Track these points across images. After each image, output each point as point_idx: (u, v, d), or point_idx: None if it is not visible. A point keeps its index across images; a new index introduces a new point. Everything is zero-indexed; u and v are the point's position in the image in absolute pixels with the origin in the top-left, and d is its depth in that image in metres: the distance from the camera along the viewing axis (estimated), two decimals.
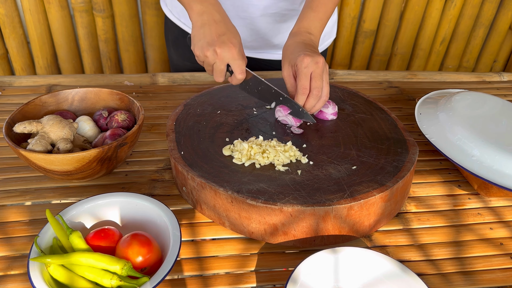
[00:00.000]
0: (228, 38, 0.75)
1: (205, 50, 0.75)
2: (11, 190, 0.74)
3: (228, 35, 0.75)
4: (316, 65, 0.75)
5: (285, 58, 0.80)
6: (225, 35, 0.75)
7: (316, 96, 0.76)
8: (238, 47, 0.76)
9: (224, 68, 0.77)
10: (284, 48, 0.82)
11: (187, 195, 0.71)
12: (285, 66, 0.79)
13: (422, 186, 0.78)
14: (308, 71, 0.75)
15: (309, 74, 0.75)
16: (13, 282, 0.59)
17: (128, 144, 0.72)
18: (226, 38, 0.75)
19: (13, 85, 1.02)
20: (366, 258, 0.59)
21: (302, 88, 0.75)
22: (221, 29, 0.76)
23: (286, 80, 0.79)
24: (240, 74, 0.77)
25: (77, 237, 0.58)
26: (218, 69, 0.77)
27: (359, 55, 1.98)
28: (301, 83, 0.75)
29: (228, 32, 0.76)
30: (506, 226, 0.72)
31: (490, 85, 1.13)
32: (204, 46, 0.75)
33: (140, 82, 1.05)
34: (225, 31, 0.76)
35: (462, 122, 0.78)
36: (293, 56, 0.77)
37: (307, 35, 0.82)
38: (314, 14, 0.84)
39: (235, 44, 0.75)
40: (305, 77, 0.75)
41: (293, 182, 0.66)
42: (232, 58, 0.75)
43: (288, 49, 0.80)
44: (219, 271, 0.62)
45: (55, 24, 1.71)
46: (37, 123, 0.72)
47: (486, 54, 2.07)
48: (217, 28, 0.76)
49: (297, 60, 0.76)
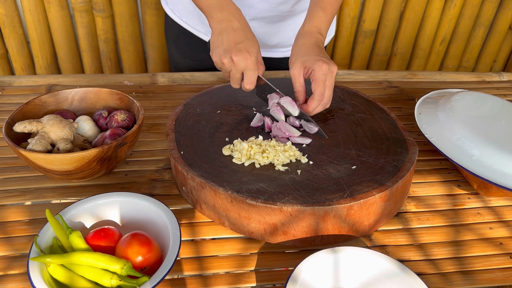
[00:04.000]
0: (245, 47, 0.75)
1: (222, 57, 0.76)
2: (11, 190, 0.74)
3: (245, 44, 0.75)
4: (331, 74, 0.77)
5: (296, 57, 0.79)
6: (242, 43, 0.75)
7: (324, 104, 0.78)
8: (255, 56, 0.75)
9: (239, 77, 0.77)
10: (296, 47, 0.81)
11: (187, 195, 0.71)
12: (296, 65, 0.79)
13: (422, 185, 0.78)
14: (325, 78, 0.76)
15: (325, 80, 0.76)
16: (13, 282, 0.59)
17: (128, 144, 0.72)
18: (243, 46, 0.75)
19: (13, 85, 1.02)
20: (366, 257, 0.59)
21: (319, 95, 0.77)
22: (239, 37, 0.76)
23: (296, 79, 0.79)
24: (248, 85, 0.77)
25: (77, 237, 0.58)
26: (234, 77, 0.77)
27: (359, 55, 1.98)
28: (319, 90, 0.77)
29: (246, 40, 0.76)
30: (506, 226, 0.72)
31: (490, 85, 1.13)
32: (221, 53, 0.76)
33: (140, 82, 1.05)
34: (243, 39, 0.76)
35: (462, 122, 0.78)
36: (309, 58, 0.78)
37: (318, 36, 0.82)
38: (323, 14, 0.84)
39: (251, 52, 0.75)
40: (322, 84, 0.76)
41: (293, 182, 0.66)
42: (245, 67, 0.75)
43: (302, 49, 0.80)
44: (219, 271, 0.62)
45: (55, 24, 1.71)
46: (37, 123, 0.72)
47: (486, 54, 2.07)
48: (235, 36, 0.76)
49: (315, 65, 0.76)
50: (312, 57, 0.77)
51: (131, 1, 1.71)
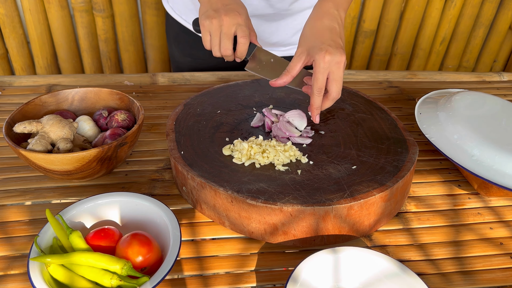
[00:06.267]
0: (235, 7, 0.74)
1: (211, 17, 0.73)
2: (11, 190, 0.74)
3: (234, 5, 0.74)
4: (337, 66, 0.70)
5: (303, 41, 0.74)
6: (231, 4, 0.74)
7: (331, 100, 0.72)
8: (245, 16, 0.74)
9: (231, 33, 0.73)
10: (305, 28, 0.76)
11: (187, 194, 0.71)
12: (300, 48, 0.73)
13: (422, 185, 0.78)
14: (326, 70, 0.70)
15: (326, 74, 0.70)
16: (13, 282, 0.59)
17: (128, 144, 0.72)
18: (233, 7, 0.74)
19: (13, 85, 1.02)
20: (366, 258, 0.59)
21: (318, 89, 0.71)
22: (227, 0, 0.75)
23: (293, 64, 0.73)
24: (243, 38, 0.73)
25: (77, 237, 0.57)
26: (225, 35, 0.73)
27: (359, 55, 1.98)
28: (317, 84, 0.71)
29: (234, 3, 0.75)
30: (506, 226, 0.72)
31: (490, 85, 1.13)
32: (210, 14, 0.73)
33: (140, 82, 1.05)
34: (231, 2, 0.75)
35: (462, 122, 0.78)
36: (314, 46, 0.71)
37: (334, 15, 0.75)
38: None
39: (241, 13, 0.73)
40: (322, 77, 0.70)
41: (293, 181, 0.66)
42: (237, 23, 0.73)
43: (310, 32, 0.74)
44: (219, 271, 0.62)
45: (55, 24, 1.71)
46: (37, 123, 0.72)
47: (486, 54, 2.07)
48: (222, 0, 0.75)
49: (317, 55, 0.70)
50: (317, 45, 0.71)
51: (131, 1, 1.71)
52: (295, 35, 1.07)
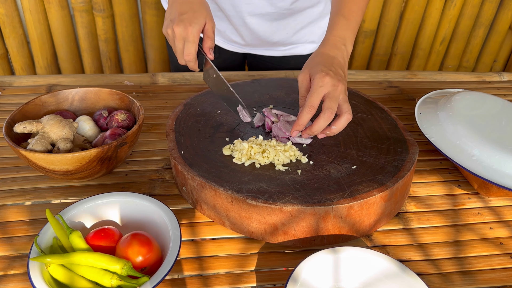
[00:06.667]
0: (188, 17, 0.72)
1: (166, 27, 0.74)
2: (11, 190, 0.74)
3: (189, 14, 0.72)
4: (333, 88, 0.69)
5: (307, 64, 0.75)
6: (186, 13, 0.73)
7: (327, 118, 0.68)
8: (197, 27, 0.72)
9: (180, 47, 0.73)
10: (312, 54, 0.77)
11: (187, 194, 0.71)
12: (304, 71, 0.73)
13: (422, 185, 0.78)
14: (322, 90, 0.69)
15: (321, 94, 0.69)
16: (13, 282, 0.59)
17: (128, 144, 0.72)
18: (186, 16, 0.72)
19: (13, 85, 1.02)
20: (366, 258, 0.59)
21: (310, 105, 0.69)
22: (185, 8, 0.73)
23: (300, 84, 0.74)
24: (187, 56, 0.73)
25: (77, 237, 0.58)
26: (176, 48, 0.74)
27: (359, 55, 1.98)
28: (310, 100, 0.69)
29: (190, 11, 0.73)
30: (506, 226, 0.72)
31: (490, 85, 1.13)
32: (166, 24, 0.74)
33: (140, 82, 1.05)
34: (187, 10, 0.73)
35: (462, 122, 0.78)
36: (315, 67, 0.72)
37: (342, 48, 0.76)
38: (346, 22, 0.77)
39: (193, 23, 0.72)
40: (316, 95, 0.69)
41: (293, 181, 0.66)
42: (185, 38, 0.72)
43: (316, 57, 0.75)
44: (219, 271, 0.62)
45: (55, 24, 1.71)
46: (37, 123, 0.72)
47: (486, 54, 2.07)
48: (181, 7, 0.74)
49: (316, 74, 0.70)
50: (319, 67, 0.71)
51: (131, 1, 1.71)
52: (295, 35, 1.07)
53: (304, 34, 1.08)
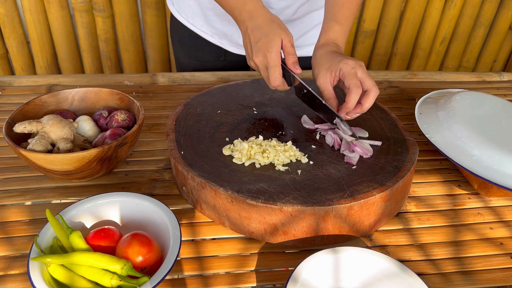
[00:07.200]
0: (263, 44, 0.73)
1: (249, 61, 0.76)
2: (11, 190, 0.74)
3: (263, 41, 0.73)
4: (361, 67, 0.73)
5: (320, 66, 0.77)
6: (260, 41, 0.73)
7: (373, 96, 0.72)
8: (274, 50, 0.72)
9: (266, 75, 0.75)
10: (316, 58, 0.79)
11: (187, 194, 0.71)
12: (321, 73, 0.76)
13: (422, 185, 0.78)
14: (355, 71, 0.73)
15: (357, 74, 0.73)
16: (13, 282, 0.59)
17: (128, 144, 0.72)
18: (261, 44, 0.73)
19: (13, 85, 1.02)
20: (366, 258, 0.59)
21: (356, 86, 0.71)
22: (256, 35, 0.74)
23: (323, 88, 0.76)
24: (273, 82, 0.74)
25: (77, 237, 0.57)
26: (264, 77, 0.76)
27: (359, 55, 1.98)
28: (354, 82, 0.72)
29: (263, 37, 0.73)
30: (506, 226, 0.72)
31: (490, 85, 1.13)
32: (248, 58, 0.76)
33: (140, 82, 1.05)
34: (260, 36, 0.73)
35: (462, 122, 0.78)
36: (333, 62, 0.75)
37: (335, 46, 0.80)
38: (339, 27, 0.82)
39: (269, 48, 0.72)
40: (355, 76, 0.72)
41: (293, 181, 0.66)
42: (267, 65, 0.73)
43: (322, 58, 0.78)
44: (219, 271, 0.62)
45: (55, 24, 1.71)
46: (37, 123, 0.72)
47: (486, 54, 2.07)
48: (254, 36, 0.74)
49: (340, 63, 0.73)
50: (335, 61, 0.74)
51: (131, 1, 1.71)
52: (301, 37, 1.07)
53: (310, 36, 1.08)
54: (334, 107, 0.75)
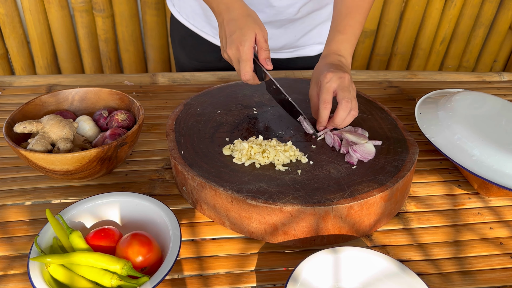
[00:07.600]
0: (237, 37, 0.73)
1: (223, 53, 0.77)
2: (11, 190, 0.74)
3: (237, 34, 0.73)
4: (340, 80, 0.73)
5: (312, 79, 0.80)
6: (234, 33, 0.73)
7: (345, 108, 0.72)
8: (247, 44, 0.72)
9: (238, 68, 0.75)
10: (314, 70, 0.81)
11: (187, 194, 0.71)
12: (311, 85, 0.79)
13: (422, 185, 0.78)
14: (330, 85, 0.73)
15: (331, 89, 0.73)
16: (13, 282, 0.59)
17: (128, 143, 0.72)
18: (235, 37, 0.73)
19: (13, 85, 1.02)
20: (366, 258, 0.59)
21: (323, 102, 0.73)
22: (231, 28, 0.74)
23: (310, 99, 0.79)
24: (243, 76, 0.75)
25: (77, 237, 0.58)
26: (236, 69, 0.76)
27: (359, 55, 1.98)
28: (323, 97, 0.73)
29: (237, 29, 0.73)
30: (506, 226, 0.72)
31: (490, 85, 1.13)
32: (222, 49, 0.77)
33: (140, 82, 1.05)
34: (234, 29, 0.74)
35: (462, 122, 0.78)
36: (319, 75, 0.76)
37: (336, 57, 0.81)
38: (342, 37, 0.82)
39: (242, 42, 0.72)
40: (326, 91, 0.73)
41: (293, 181, 0.66)
42: (239, 58, 0.74)
43: (317, 70, 0.79)
44: (219, 271, 0.62)
45: (55, 24, 1.71)
46: (37, 123, 0.72)
47: (486, 54, 2.07)
48: (228, 28, 0.75)
49: (320, 77, 0.75)
50: (321, 73, 0.76)
51: (131, 1, 1.71)
52: (303, 37, 1.07)
53: (312, 36, 1.08)
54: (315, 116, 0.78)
